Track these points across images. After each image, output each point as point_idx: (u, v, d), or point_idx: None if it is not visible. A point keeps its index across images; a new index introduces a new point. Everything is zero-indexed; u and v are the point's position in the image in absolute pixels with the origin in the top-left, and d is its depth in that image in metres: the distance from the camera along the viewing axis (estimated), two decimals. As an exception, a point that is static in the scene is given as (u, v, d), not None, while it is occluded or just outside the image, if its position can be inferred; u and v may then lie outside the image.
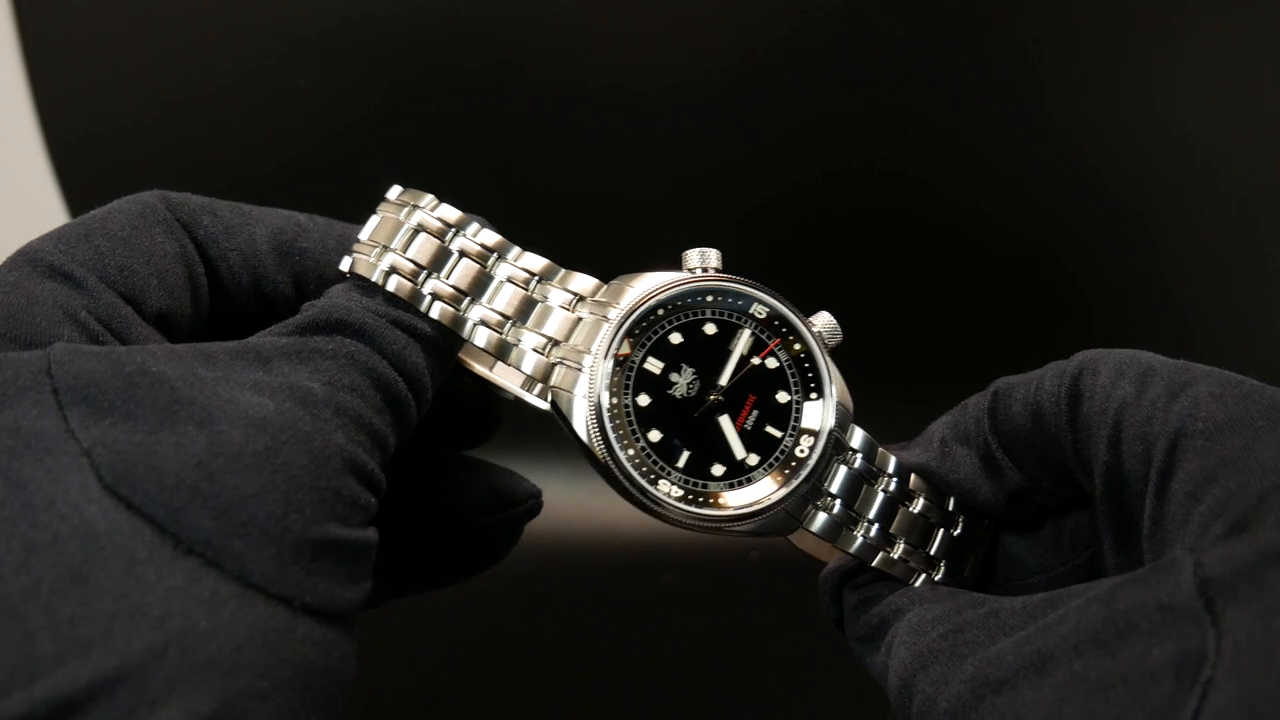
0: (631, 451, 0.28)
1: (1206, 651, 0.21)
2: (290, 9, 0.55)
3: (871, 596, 0.30)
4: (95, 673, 0.21)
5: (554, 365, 0.29)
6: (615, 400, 0.28)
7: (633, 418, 0.28)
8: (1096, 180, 0.56)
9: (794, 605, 0.51)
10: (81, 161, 0.59)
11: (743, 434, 0.29)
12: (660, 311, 0.29)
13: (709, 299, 0.29)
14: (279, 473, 0.24)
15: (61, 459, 0.23)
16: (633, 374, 0.28)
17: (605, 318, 0.29)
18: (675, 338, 0.29)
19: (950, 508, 0.31)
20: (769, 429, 0.29)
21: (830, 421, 0.29)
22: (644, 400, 0.28)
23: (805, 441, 0.29)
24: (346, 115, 0.56)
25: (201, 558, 0.23)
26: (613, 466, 0.28)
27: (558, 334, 0.29)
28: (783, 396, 0.29)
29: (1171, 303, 0.59)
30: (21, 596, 0.21)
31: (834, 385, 0.29)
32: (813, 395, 0.29)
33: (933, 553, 0.30)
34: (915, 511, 0.30)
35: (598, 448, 0.28)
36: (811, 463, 0.29)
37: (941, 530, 0.31)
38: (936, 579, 0.30)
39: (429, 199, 0.30)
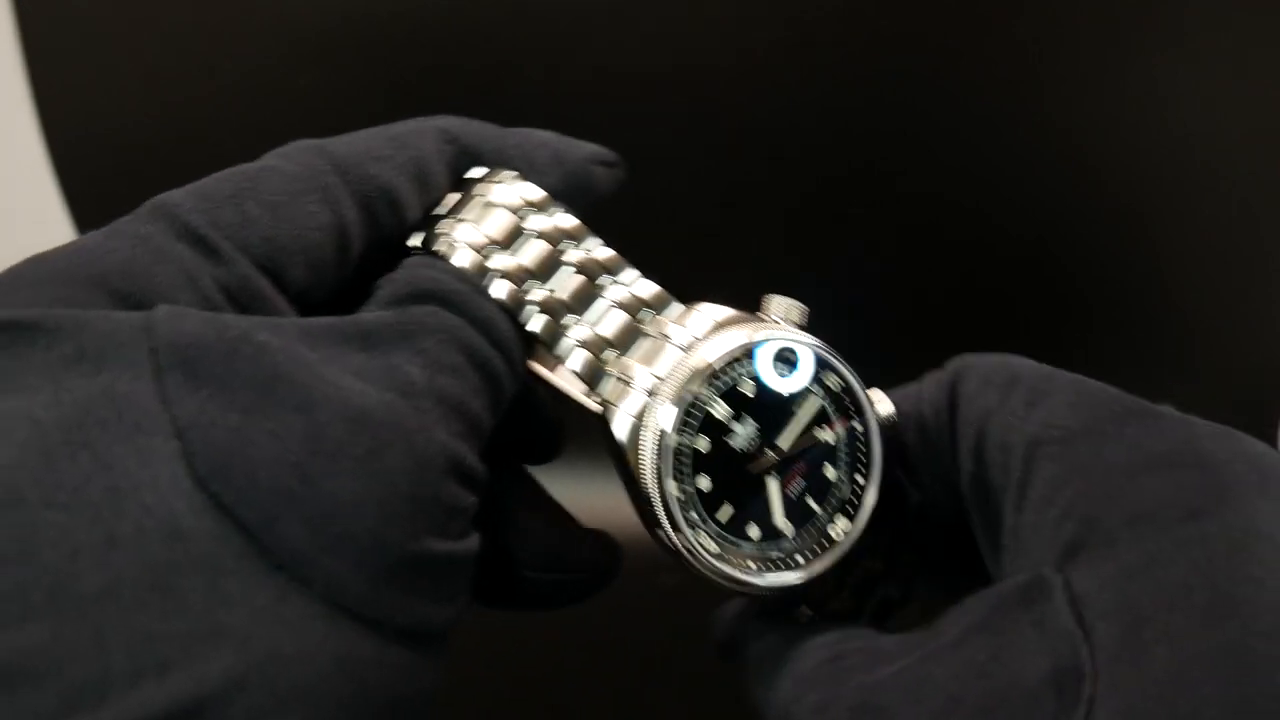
0: (680, 495, 0.27)
1: (1083, 668, 0.21)
2: (291, 9, 0.55)
3: (770, 629, 0.29)
4: (170, 700, 0.19)
5: (609, 377, 0.28)
6: (680, 438, 0.27)
7: (689, 460, 0.27)
8: (1096, 180, 0.56)
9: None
10: (82, 161, 0.59)
11: (785, 500, 0.28)
12: (735, 359, 0.27)
13: (790, 359, 0.28)
14: (378, 479, 0.22)
15: (153, 439, 0.20)
16: (700, 416, 0.27)
17: (677, 344, 0.28)
18: (747, 388, 0.27)
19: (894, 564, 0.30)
20: (809, 500, 0.28)
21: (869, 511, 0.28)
22: (703, 444, 0.27)
23: (841, 523, 0.28)
24: (347, 115, 0.56)
25: (290, 573, 0.21)
26: (657, 504, 0.27)
27: (612, 337, 0.28)
28: (830, 472, 0.28)
29: (1171, 303, 0.59)
30: (97, 597, 0.19)
31: (879, 470, 0.28)
32: (859, 476, 0.28)
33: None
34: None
35: (649, 482, 0.27)
36: (845, 547, 0.28)
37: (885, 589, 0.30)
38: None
39: (509, 174, 0.29)
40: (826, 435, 0.28)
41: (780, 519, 0.28)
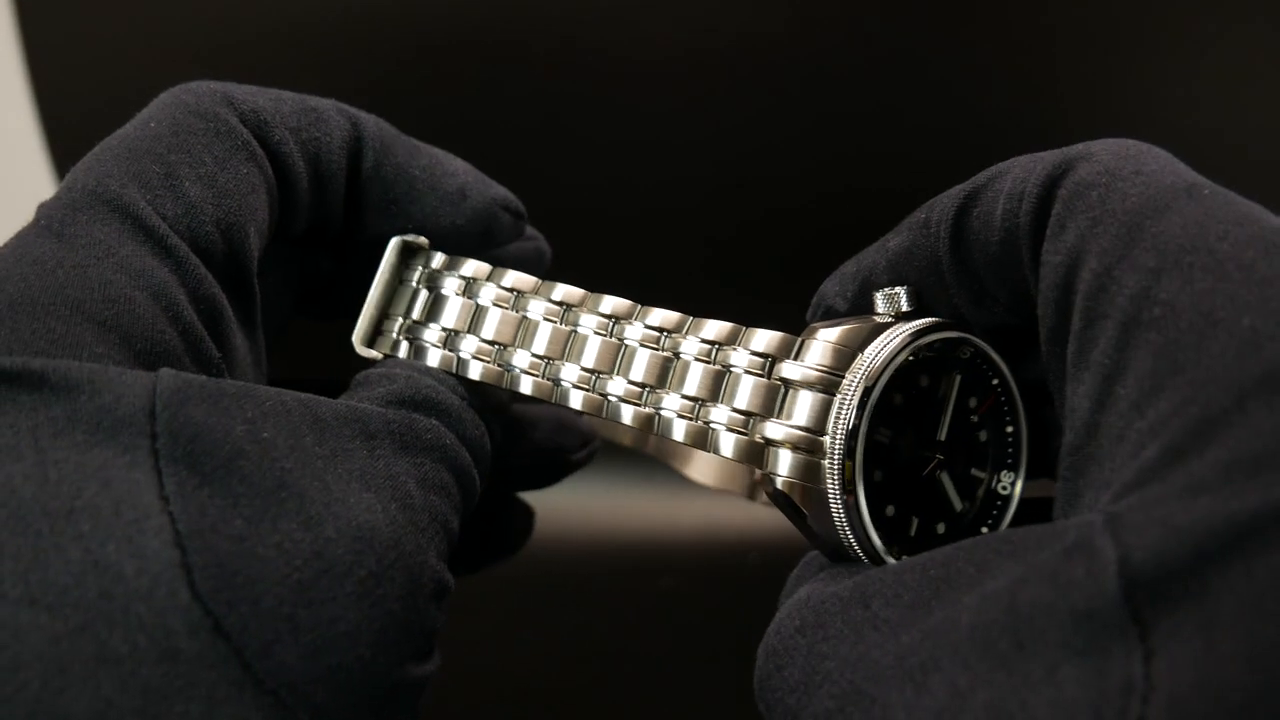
0: (885, 549, 0.25)
1: (1133, 680, 0.16)
2: (291, 9, 0.55)
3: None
4: None
5: (760, 446, 0.25)
6: (864, 487, 0.24)
7: (874, 499, 0.25)
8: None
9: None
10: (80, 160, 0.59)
11: (956, 484, 0.27)
12: (887, 384, 0.25)
13: (927, 355, 0.26)
14: (378, 606, 0.21)
15: (151, 542, 0.19)
16: (868, 453, 0.25)
17: (806, 385, 0.25)
18: (897, 399, 0.26)
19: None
20: (973, 471, 0.27)
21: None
22: (878, 476, 0.25)
23: (1006, 478, 0.27)
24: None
25: (279, 701, 0.19)
26: (862, 556, 0.25)
27: (758, 408, 0.25)
28: (982, 435, 0.27)
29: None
30: None
31: (1023, 416, 0.27)
32: (1008, 427, 0.27)
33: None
34: None
35: (861, 550, 0.25)
36: (1015, 499, 0.27)
37: None
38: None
39: (528, 280, 0.28)
40: (973, 406, 0.27)
41: (959, 503, 0.27)
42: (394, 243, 0.29)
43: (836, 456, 0.24)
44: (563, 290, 0.28)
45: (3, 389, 0.20)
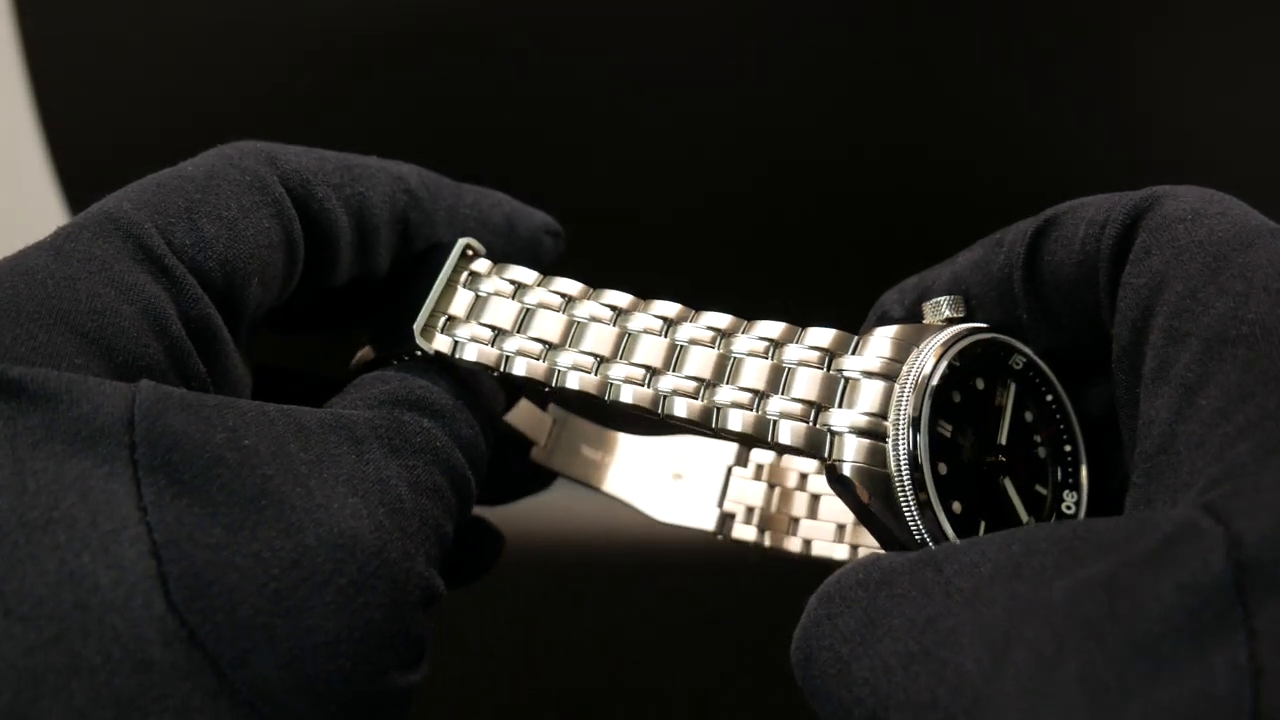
0: (948, 524, 0.25)
1: (1238, 660, 0.16)
2: (291, 9, 0.55)
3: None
4: None
5: (826, 434, 0.26)
6: (930, 474, 0.25)
7: (941, 491, 0.25)
8: (1101, 178, 0.56)
9: (796, 607, 0.51)
10: (82, 161, 0.59)
11: (1021, 495, 0.27)
12: (947, 371, 0.26)
13: (979, 352, 0.27)
14: (359, 615, 0.21)
15: (127, 552, 0.19)
16: (931, 442, 0.25)
17: (867, 377, 0.26)
18: (956, 396, 0.26)
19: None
20: (1036, 487, 0.27)
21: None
22: (943, 469, 0.26)
23: (1069, 497, 0.27)
24: (347, 116, 0.56)
25: (255, 711, 0.19)
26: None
27: (819, 399, 0.26)
28: (1041, 451, 0.28)
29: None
30: None
31: (1080, 434, 0.28)
32: (1066, 446, 0.28)
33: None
34: None
35: (929, 534, 0.25)
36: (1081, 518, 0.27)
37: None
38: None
39: (573, 284, 0.29)
40: (1030, 417, 0.27)
41: (1024, 514, 0.27)
42: (459, 244, 0.30)
43: (902, 437, 0.25)
44: (613, 295, 0.29)
45: None
